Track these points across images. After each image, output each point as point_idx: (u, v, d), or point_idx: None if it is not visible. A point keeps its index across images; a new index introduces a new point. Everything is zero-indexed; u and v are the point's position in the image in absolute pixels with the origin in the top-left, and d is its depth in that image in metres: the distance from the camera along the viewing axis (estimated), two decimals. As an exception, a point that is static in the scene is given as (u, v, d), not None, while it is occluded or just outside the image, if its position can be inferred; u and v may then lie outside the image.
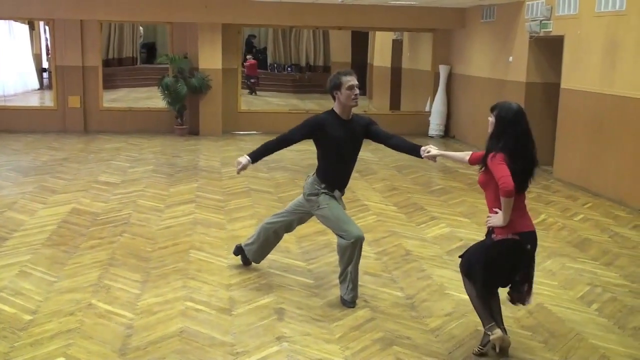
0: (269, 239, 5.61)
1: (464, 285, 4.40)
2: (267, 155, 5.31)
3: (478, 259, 4.25)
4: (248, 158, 5.20)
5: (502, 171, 4.00)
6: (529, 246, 4.19)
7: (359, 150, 5.25)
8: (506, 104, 4.24)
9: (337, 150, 5.13)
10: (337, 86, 5.04)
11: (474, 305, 4.37)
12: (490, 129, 4.24)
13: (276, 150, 5.34)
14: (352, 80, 5.02)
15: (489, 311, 4.29)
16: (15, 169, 9.89)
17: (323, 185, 5.19)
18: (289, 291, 5.33)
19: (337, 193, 5.23)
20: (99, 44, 14.07)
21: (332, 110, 5.16)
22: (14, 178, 9.23)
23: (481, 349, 4.32)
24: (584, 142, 9.57)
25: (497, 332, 4.23)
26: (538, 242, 6.74)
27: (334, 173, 5.22)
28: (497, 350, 4.28)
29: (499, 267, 4.22)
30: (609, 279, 5.89)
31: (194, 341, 4.39)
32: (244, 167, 5.20)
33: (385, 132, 5.27)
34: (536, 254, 6.34)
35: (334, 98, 5.12)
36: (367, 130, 5.21)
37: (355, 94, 5.04)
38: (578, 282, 5.77)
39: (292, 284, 5.49)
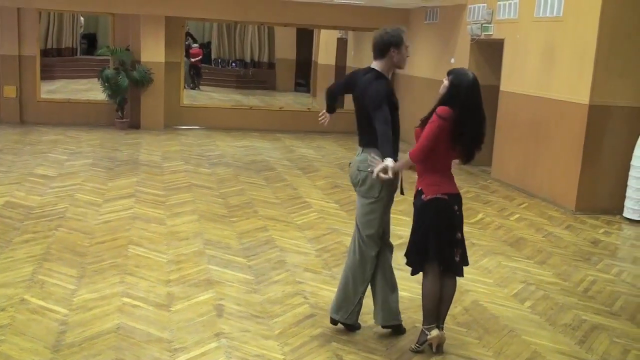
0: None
1: (423, 281, 4.38)
2: None
3: (421, 231, 4.29)
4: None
5: (426, 135, 4.09)
6: (456, 207, 4.29)
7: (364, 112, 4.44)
8: (462, 71, 4.25)
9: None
10: (398, 43, 4.44)
11: (423, 303, 4.36)
12: (441, 91, 4.23)
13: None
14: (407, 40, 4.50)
15: (436, 312, 4.33)
16: (-55, 160, 9.61)
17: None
18: (228, 287, 5.32)
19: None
20: (37, 33, 13.72)
21: (386, 78, 4.43)
22: (-56, 169, 8.97)
23: (418, 347, 4.37)
24: (521, 144, 9.81)
25: (435, 332, 4.30)
26: (475, 241, 6.97)
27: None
28: (434, 349, 4.36)
29: (437, 226, 4.25)
30: (542, 277, 6.05)
31: (130, 337, 4.34)
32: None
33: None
34: (474, 251, 6.57)
35: (384, 56, 4.42)
36: None
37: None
38: (512, 280, 5.90)
39: (232, 280, 5.47)
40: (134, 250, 6.09)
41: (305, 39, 20.99)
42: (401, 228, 7.32)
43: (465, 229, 7.31)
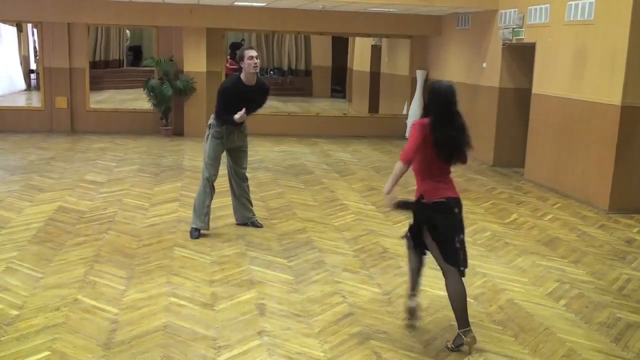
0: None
1: (409, 259, 4.79)
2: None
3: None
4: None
5: (410, 142, 4.38)
6: (456, 210, 4.44)
7: (257, 107, 6.81)
8: (435, 83, 4.54)
9: (235, 105, 6.42)
10: (242, 57, 6.36)
11: (409, 270, 4.78)
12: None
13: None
14: (252, 52, 6.37)
15: (466, 312, 4.44)
16: (2, 167, 9.90)
17: (215, 122, 6.67)
18: (269, 287, 5.41)
19: (226, 127, 6.63)
20: (86, 46, 14.13)
21: (239, 78, 6.50)
22: (1, 177, 9.25)
23: (453, 347, 4.44)
24: (553, 145, 9.79)
25: (471, 336, 4.41)
26: (509, 241, 7.03)
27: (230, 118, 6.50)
28: (470, 351, 4.41)
29: (434, 225, 4.46)
30: (576, 276, 6.05)
31: (177, 335, 4.44)
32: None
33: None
34: (508, 250, 6.61)
35: (241, 68, 6.43)
36: (263, 93, 6.69)
37: (255, 63, 6.34)
38: (547, 279, 5.91)
39: (273, 280, 5.57)
40: (179, 252, 6.24)
41: (340, 46, 21.04)
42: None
43: (500, 228, 7.50)
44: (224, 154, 6.89)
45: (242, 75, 6.50)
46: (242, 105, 6.41)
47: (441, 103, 4.37)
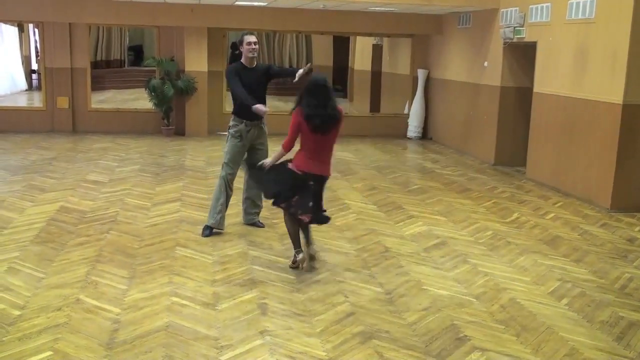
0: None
1: (285, 220, 5.89)
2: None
3: (275, 180, 5.76)
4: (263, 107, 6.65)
5: (289, 131, 5.60)
6: (311, 182, 5.55)
7: (264, 89, 6.88)
8: (312, 78, 5.65)
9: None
10: (241, 42, 6.68)
11: (289, 234, 5.86)
12: None
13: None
14: (251, 38, 6.65)
15: (298, 239, 5.78)
16: (4, 167, 9.91)
17: (233, 122, 6.80)
18: (271, 287, 5.41)
19: (245, 124, 6.77)
20: (88, 46, 14.13)
21: (240, 62, 6.77)
22: (2, 177, 9.25)
23: (293, 264, 5.84)
24: (555, 144, 9.79)
25: (302, 255, 5.79)
26: (511, 240, 7.04)
27: (245, 109, 6.63)
28: (302, 267, 5.82)
29: (289, 185, 5.61)
30: (578, 274, 6.04)
31: (179, 335, 4.44)
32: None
33: (278, 69, 7.08)
34: (510, 249, 6.61)
35: (241, 53, 6.74)
36: (267, 72, 6.79)
37: (253, 48, 6.63)
38: (549, 278, 5.91)
39: (275, 280, 5.58)
40: (181, 252, 6.24)
41: (341, 46, 21.07)
42: (438, 228, 7.44)
43: (501, 227, 7.52)
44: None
45: (242, 59, 6.75)
46: (246, 86, 6.61)
47: (311, 88, 5.47)
